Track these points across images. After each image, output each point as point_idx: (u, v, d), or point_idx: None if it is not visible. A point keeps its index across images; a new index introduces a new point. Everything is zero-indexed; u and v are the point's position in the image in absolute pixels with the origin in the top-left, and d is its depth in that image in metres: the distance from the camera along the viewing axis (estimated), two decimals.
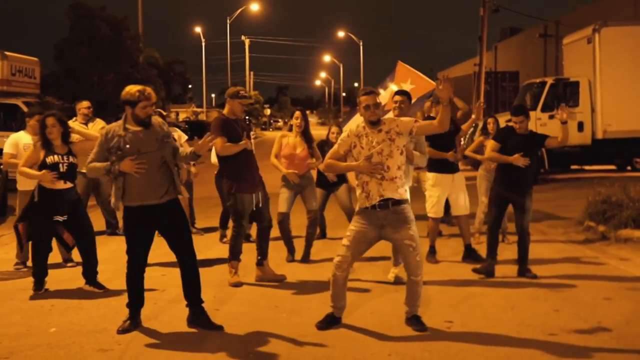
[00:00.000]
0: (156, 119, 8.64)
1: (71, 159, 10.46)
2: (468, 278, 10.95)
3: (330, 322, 8.59)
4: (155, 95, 8.63)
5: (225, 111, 10.75)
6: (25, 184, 11.67)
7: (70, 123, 11.72)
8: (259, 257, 10.99)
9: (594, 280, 10.77)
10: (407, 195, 8.94)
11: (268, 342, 8.13)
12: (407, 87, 13.40)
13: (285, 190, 12.36)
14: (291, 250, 12.49)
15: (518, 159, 10.82)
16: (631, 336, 8.15)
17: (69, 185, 10.44)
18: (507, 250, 12.42)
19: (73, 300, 9.96)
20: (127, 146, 8.31)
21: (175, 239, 8.70)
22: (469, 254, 12.16)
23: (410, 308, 8.55)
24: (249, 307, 9.49)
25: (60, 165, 10.32)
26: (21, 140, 11.91)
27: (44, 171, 10.24)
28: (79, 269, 11.05)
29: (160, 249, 9.74)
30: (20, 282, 11.12)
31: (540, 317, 8.85)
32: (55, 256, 11.31)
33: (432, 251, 12.23)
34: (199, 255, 9.05)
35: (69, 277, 10.99)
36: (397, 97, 10.75)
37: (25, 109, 23.49)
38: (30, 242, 10.67)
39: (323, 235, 14.44)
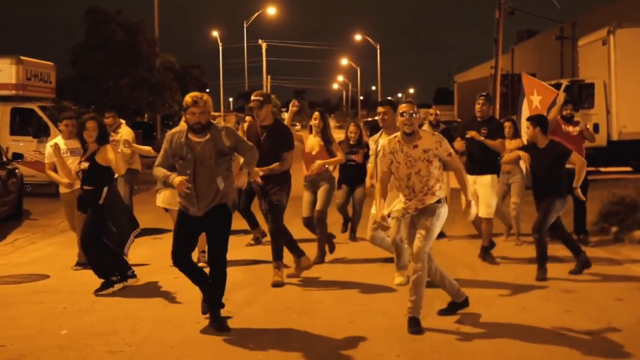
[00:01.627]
0: (227, 131, 8.77)
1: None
2: (479, 279, 10.93)
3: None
4: (210, 104, 8.79)
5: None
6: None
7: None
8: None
9: (606, 281, 10.76)
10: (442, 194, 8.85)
11: (278, 344, 8.15)
12: (535, 99, 13.59)
13: (306, 192, 12.50)
14: (326, 249, 12.65)
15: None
16: None
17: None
18: (521, 250, 12.43)
19: (85, 303, 9.98)
20: (189, 155, 8.57)
21: (210, 242, 8.91)
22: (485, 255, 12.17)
23: (412, 304, 8.46)
24: (260, 309, 9.50)
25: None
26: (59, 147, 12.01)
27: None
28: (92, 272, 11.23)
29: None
30: (34, 285, 11.17)
31: (551, 318, 8.83)
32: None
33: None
34: None
35: (82, 280, 11.01)
36: (381, 109, 10.76)
37: (40, 113, 23.57)
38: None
39: (346, 230, 14.49)
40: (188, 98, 8.65)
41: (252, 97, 10.82)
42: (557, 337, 8.14)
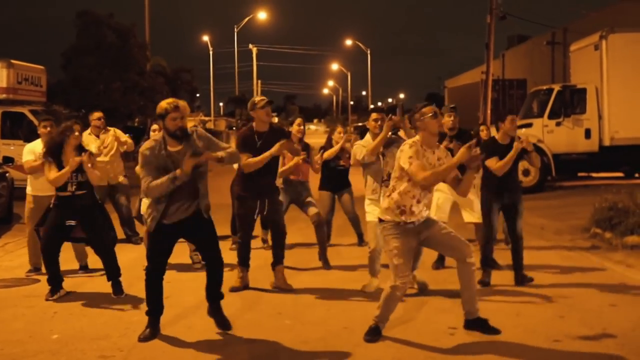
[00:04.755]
0: (199, 132, 8.58)
1: (80, 178, 10.42)
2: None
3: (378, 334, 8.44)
4: (188, 108, 8.56)
5: (254, 124, 10.70)
6: (39, 189, 11.69)
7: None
8: (273, 262, 10.95)
9: (600, 286, 10.69)
10: None
11: (271, 349, 8.12)
12: None
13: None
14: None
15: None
16: (636, 342, 8.11)
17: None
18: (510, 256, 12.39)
19: (76, 307, 9.94)
20: (172, 166, 8.26)
21: (204, 244, 8.74)
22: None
23: (470, 307, 8.36)
24: (253, 313, 9.45)
25: (69, 184, 10.37)
26: (36, 149, 11.81)
27: (77, 159, 10.28)
28: (85, 277, 11.23)
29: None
30: (25, 289, 11.11)
31: (545, 324, 8.80)
32: (65, 262, 11.12)
33: (441, 257, 12.04)
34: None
35: (74, 284, 10.94)
36: (375, 115, 10.67)
37: (31, 117, 23.52)
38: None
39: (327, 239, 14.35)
40: (165, 104, 8.37)
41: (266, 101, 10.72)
42: (552, 343, 8.09)
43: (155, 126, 12.31)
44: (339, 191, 13.72)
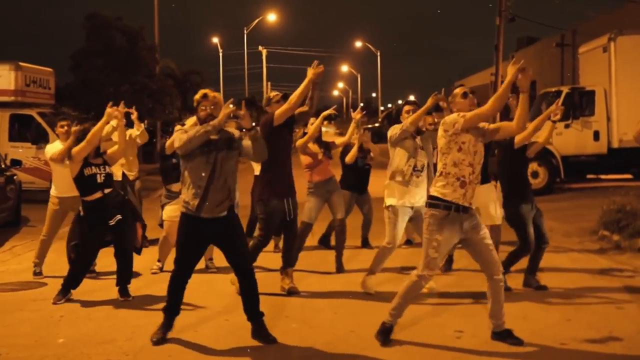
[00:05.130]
0: (232, 130, 8.65)
1: (107, 169, 10.58)
2: (481, 290, 10.82)
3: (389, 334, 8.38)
4: (219, 98, 8.66)
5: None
6: (64, 190, 11.80)
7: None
8: (283, 265, 10.94)
9: (607, 289, 10.68)
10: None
11: (278, 352, 8.11)
12: None
13: (312, 198, 12.28)
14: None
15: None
16: None
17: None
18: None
19: (83, 311, 9.94)
20: (212, 146, 8.34)
21: (233, 247, 8.61)
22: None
23: (497, 320, 8.27)
24: None
25: (98, 176, 10.43)
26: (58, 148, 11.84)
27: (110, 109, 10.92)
28: (93, 281, 11.21)
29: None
30: (31, 292, 11.12)
31: (552, 327, 8.79)
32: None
33: (450, 260, 11.99)
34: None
35: (80, 288, 10.91)
36: (408, 107, 10.63)
37: (39, 119, 23.53)
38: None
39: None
40: (196, 96, 8.60)
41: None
42: (559, 346, 8.09)
43: (178, 126, 12.32)
44: (360, 192, 13.76)
